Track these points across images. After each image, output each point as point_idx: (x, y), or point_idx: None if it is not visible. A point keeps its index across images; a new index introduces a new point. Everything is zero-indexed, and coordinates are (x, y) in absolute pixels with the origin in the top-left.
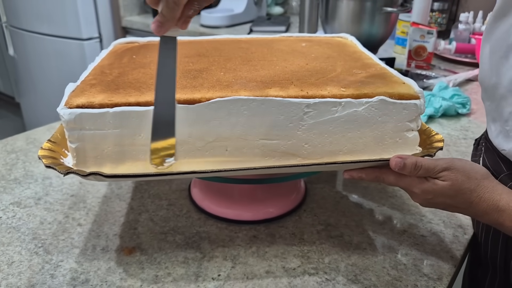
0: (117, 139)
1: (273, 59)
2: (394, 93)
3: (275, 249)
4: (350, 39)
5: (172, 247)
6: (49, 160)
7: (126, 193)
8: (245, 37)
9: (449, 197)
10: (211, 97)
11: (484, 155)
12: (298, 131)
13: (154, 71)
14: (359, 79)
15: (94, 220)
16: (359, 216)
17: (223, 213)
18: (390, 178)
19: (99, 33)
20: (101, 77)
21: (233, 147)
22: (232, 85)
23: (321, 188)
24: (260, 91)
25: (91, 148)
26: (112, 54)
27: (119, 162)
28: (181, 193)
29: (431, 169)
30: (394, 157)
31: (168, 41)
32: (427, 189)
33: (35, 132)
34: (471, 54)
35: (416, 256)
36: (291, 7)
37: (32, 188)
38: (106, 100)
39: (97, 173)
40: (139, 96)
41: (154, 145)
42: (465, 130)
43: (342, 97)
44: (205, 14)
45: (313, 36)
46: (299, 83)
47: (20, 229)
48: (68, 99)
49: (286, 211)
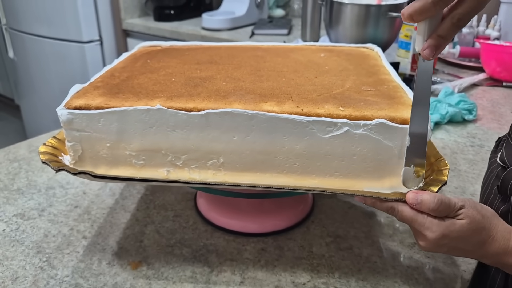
0: (111, 142)
1: (283, 70)
2: (397, 117)
3: (284, 262)
4: (376, 50)
5: (179, 261)
6: (46, 156)
7: (131, 203)
8: (265, 45)
9: (464, 239)
10: (203, 108)
11: (504, 150)
12: (290, 149)
13: (161, 76)
14: (364, 98)
15: (99, 232)
16: (367, 227)
17: (230, 225)
18: (406, 212)
19: (100, 35)
20: (108, 80)
21: (227, 160)
22: (228, 96)
23: (329, 198)
24: (254, 105)
25: (87, 149)
26: (131, 57)
27: (113, 165)
28: (187, 204)
29: (452, 206)
30: (410, 192)
31: (428, 61)
32: (444, 232)
33: (37, 140)
34: (475, 58)
35: (427, 270)
36: (293, 10)
37: (35, 199)
38: (102, 104)
39: (86, 172)
40: (135, 101)
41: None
42: (472, 137)
43: (338, 117)
44: (207, 17)
45: (336, 45)
46: (298, 98)
47: (24, 242)
48: (69, 100)
49: (294, 223)
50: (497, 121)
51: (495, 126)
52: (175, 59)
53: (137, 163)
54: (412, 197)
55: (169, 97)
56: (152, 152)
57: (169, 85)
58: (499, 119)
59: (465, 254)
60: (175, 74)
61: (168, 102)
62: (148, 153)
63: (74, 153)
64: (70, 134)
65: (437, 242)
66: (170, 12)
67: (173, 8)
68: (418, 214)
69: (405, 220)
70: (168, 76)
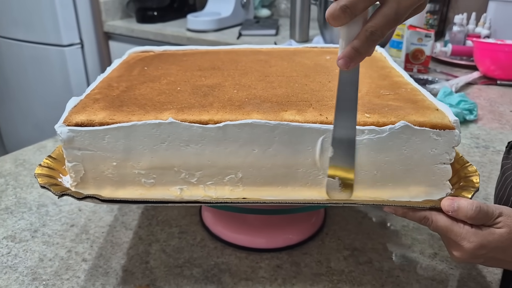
0: (118, 161)
1: (292, 75)
2: (425, 122)
3: (303, 280)
4: (380, 51)
5: (191, 283)
6: (45, 179)
7: (132, 220)
8: (266, 48)
9: (502, 249)
10: (220, 119)
11: None
12: (314, 160)
13: (164, 85)
14: (386, 102)
15: (100, 254)
16: (384, 238)
17: (241, 241)
18: (441, 221)
19: (80, 39)
20: (107, 91)
21: (246, 175)
22: (244, 106)
23: (340, 207)
24: (274, 114)
25: (90, 169)
26: (124, 64)
27: (120, 186)
28: (191, 219)
29: (490, 214)
30: (446, 199)
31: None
32: (482, 242)
33: (23, 153)
34: (467, 56)
35: (453, 282)
36: (278, 10)
37: (26, 219)
38: (107, 119)
39: (94, 196)
40: (143, 115)
41: (331, 172)
42: (476, 137)
43: (365, 124)
44: (192, 18)
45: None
46: (318, 105)
47: (18, 268)
48: (68, 116)
49: (308, 236)
50: (498, 120)
51: (496, 126)
52: (174, 66)
53: (146, 182)
54: (448, 204)
55: (179, 108)
56: (163, 170)
57: (176, 95)
58: (499, 118)
59: (501, 264)
60: (179, 83)
61: (179, 114)
62: (159, 171)
63: (76, 174)
64: (71, 154)
65: (474, 253)
66: (153, 14)
67: (156, 10)
68: (454, 224)
69: (440, 230)
70: (172, 85)
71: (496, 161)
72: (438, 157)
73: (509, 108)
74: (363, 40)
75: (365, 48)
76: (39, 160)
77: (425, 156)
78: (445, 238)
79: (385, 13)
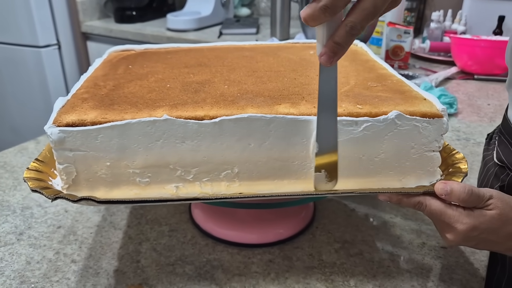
0: (111, 161)
1: (280, 70)
2: (415, 111)
3: (296, 273)
4: (360, 45)
5: (184, 280)
6: (35, 183)
7: (121, 220)
8: (249, 44)
9: (493, 231)
10: (215, 115)
11: (498, 148)
12: (309, 152)
13: (152, 83)
14: (375, 94)
15: (89, 254)
16: (374, 230)
17: (232, 237)
18: (434, 205)
19: (57, 39)
20: (94, 90)
21: (243, 170)
22: (237, 101)
23: (328, 201)
24: (269, 108)
25: (82, 170)
26: (107, 63)
27: (114, 186)
28: (181, 217)
29: (481, 196)
30: (439, 183)
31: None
32: (474, 223)
33: (4, 155)
34: (444, 52)
35: (442, 270)
36: (258, 8)
37: (10, 221)
38: (99, 118)
39: (89, 198)
40: (136, 113)
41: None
42: (456, 130)
43: (359, 115)
44: (172, 17)
45: None
46: (310, 98)
47: (4, 272)
48: (57, 116)
49: (298, 231)
50: (477, 113)
51: (475, 119)
52: (160, 63)
53: (141, 181)
54: (441, 187)
55: (172, 105)
56: (158, 168)
57: (166, 92)
58: (478, 111)
59: (492, 246)
60: (167, 80)
61: (173, 111)
62: (154, 169)
63: (67, 176)
64: (62, 155)
65: (467, 234)
66: (132, 14)
67: (134, 9)
68: (447, 207)
69: (433, 213)
70: (161, 82)
71: (477, 152)
72: (428, 145)
73: (486, 102)
74: (343, 34)
75: (346, 42)
76: (21, 162)
77: (416, 145)
78: (438, 222)
79: (363, 7)
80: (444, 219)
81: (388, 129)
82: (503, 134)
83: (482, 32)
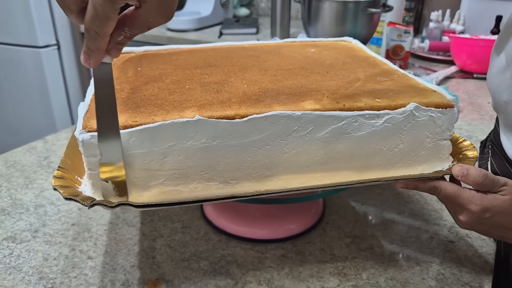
0: (142, 164)
1: (290, 68)
2: (430, 103)
3: (309, 268)
4: (354, 42)
5: (200, 275)
6: (66, 191)
7: (133, 217)
8: (250, 44)
9: (505, 215)
10: (245, 113)
11: (492, 159)
12: (334, 145)
13: (170, 85)
14: (388, 87)
15: (105, 251)
16: (382, 225)
17: (245, 233)
18: (449, 188)
19: (57, 40)
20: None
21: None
22: (262, 99)
23: (337, 198)
24: (295, 105)
25: None
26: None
27: (144, 189)
28: (193, 213)
29: (496, 182)
30: (456, 165)
31: (101, 68)
32: (487, 205)
33: (13, 154)
34: (443, 51)
35: (451, 264)
36: (257, 8)
37: (25, 219)
38: (130, 121)
39: (127, 203)
40: (166, 115)
41: (104, 175)
42: (459, 128)
43: (379, 108)
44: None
45: (317, 40)
46: (330, 94)
47: (22, 268)
48: (85, 122)
49: (309, 226)
50: (477, 112)
51: (477, 117)
52: (168, 65)
53: (172, 182)
54: (459, 169)
55: (199, 106)
56: (189, 169)
57: (188, 93)
58: (478, 110)
59: (504, 233)
60: (183, 81)
61: (203, 111)
62: (185, 170)
63: (97, 181)
64: (92, 162)
65: (480, 215)
66: None
67: None
68: (461, 189)
69: (448, 195)
70: (178, 83)
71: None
72: (441, 134)
73: (486, 100)
74: (86, 37)
75: (91, 44)
76: (30, 161)
77: (431, 134)
78: (452, 204)
79: (87, 9)
80: (458, 201)
81: (407, 121)
82: (495, 145)
83: (480, 32)
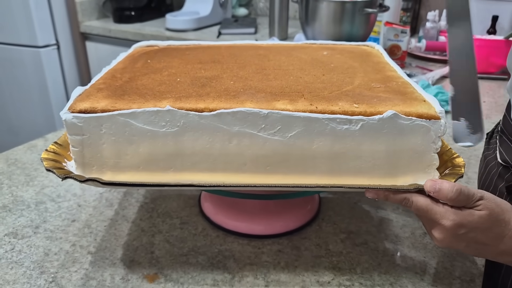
0: (118, 147)
1: (288, 68)
2: (412, 112)
3: (304, 262)
4: (377, 48)
5: (197, 270)
6: (50, 163)
7: (132, 213)
8: (266, 43)
9: (482, 231)
10: (215, 108)
11: (500, 148)
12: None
13: (165, 77)
14: (376, 94)
15: (105, 246)
16: (377, 221)
17: (242, 228)
18: (421, 201)
19: (56, 39)
20: (111, 82)
21: (243, 161)
22: (239, 96)
23: (333, 194)
24: (267, 104)
25: (92, 154)
26: (129, 57)
27: (119, 171)
28: (191, 210)
29: (471, 197)
30: (428, 180)
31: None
32: (461, 221)
33: (14, 152)
34: (440, 51)
35: (444, 258)
36: (255, 8)
37: (26, 216)
38: (109, 106)
39: (94, 179)
40: (142, 103)
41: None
42: None
43: (353, 114)
44: (170, 17)
45: (337, 44)
46: (310, 96)
47: (24, 263)
48: (73, 104)
49: (305, 222)
50: None
51: None
52: (177, 59)
53: (145, 168)
54: (430, 184)
55: (177, 97)
56: (161, 156)
57: (175, 85)
58: None
59: (483, 249)
60: (179, 74)
61: (177, 103)
62: (158, 157)
63: (79, 159)
64: (74, 139)
65: (454, 232)
66: (130, 14)
67: (133, 9)
68: (433, 203)
69: (420, 209)
70: (172, 76)
71: (473, 147)
72: (425, 146)
73: (483, 98)
74: None
75: None
76: (31, 159)
77: (413, 145)
78: (425, 219)
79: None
80: (430, 216)
81: (384, 128)
82: (504, 133)
83: (476, 32)
